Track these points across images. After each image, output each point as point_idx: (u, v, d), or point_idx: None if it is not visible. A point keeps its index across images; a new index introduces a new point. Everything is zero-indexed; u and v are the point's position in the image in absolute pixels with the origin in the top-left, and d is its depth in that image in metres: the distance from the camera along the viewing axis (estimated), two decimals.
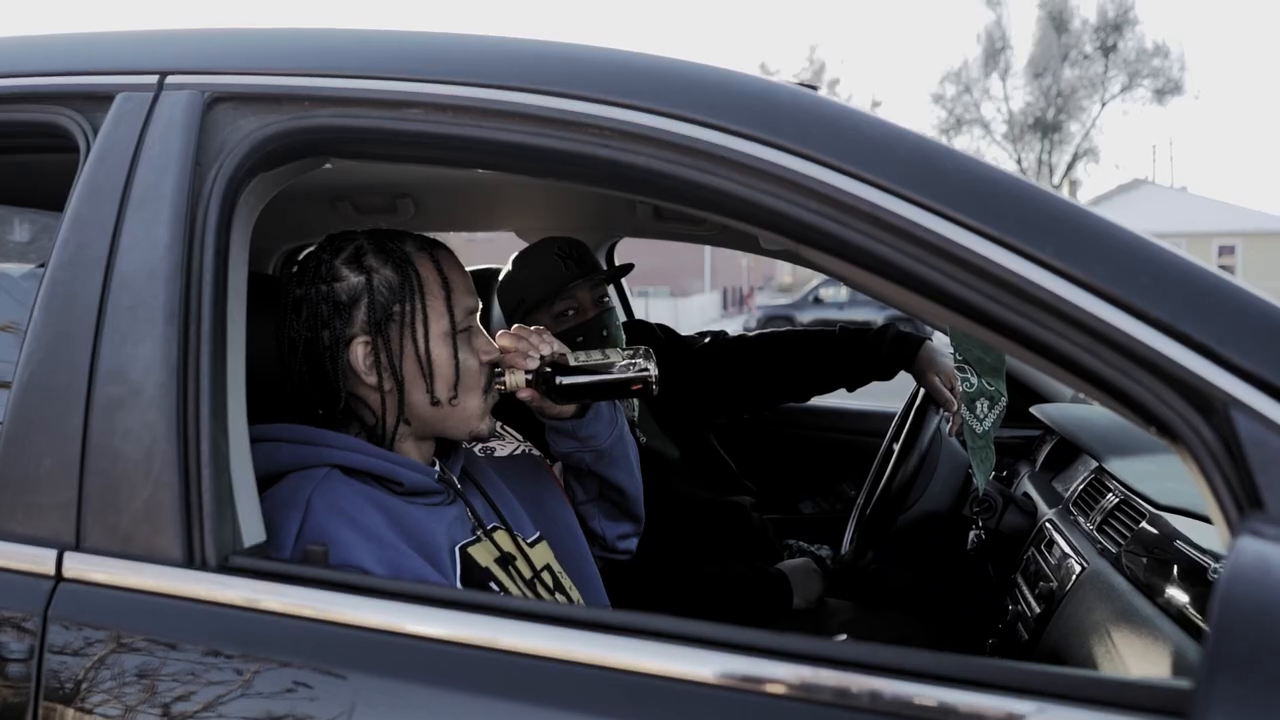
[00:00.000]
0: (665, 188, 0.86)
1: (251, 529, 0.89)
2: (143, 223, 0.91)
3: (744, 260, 33.21)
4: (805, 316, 17.54)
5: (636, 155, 0.85)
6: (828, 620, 1.83)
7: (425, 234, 1.19)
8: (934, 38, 77.00)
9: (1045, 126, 31.55)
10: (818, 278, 21.98)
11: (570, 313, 1.83)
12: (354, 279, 1.11)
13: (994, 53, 31.83)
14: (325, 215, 2.18)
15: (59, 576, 0.85)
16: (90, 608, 0.83)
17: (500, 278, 1.95)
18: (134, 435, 0.84)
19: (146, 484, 0.83)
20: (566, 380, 1.19)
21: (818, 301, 18.42)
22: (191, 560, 0.82)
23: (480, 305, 1.20)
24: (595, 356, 1.21)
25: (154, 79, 0.98)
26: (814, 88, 0.90)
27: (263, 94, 0.95)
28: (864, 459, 2.25)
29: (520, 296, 1.86)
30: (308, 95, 0.93)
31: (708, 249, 29.73)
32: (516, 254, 1.93)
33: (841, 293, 18.18)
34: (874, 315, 16.23)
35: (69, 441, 0.86)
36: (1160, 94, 31.08)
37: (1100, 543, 1.43)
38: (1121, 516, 1.45)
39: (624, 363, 1.19)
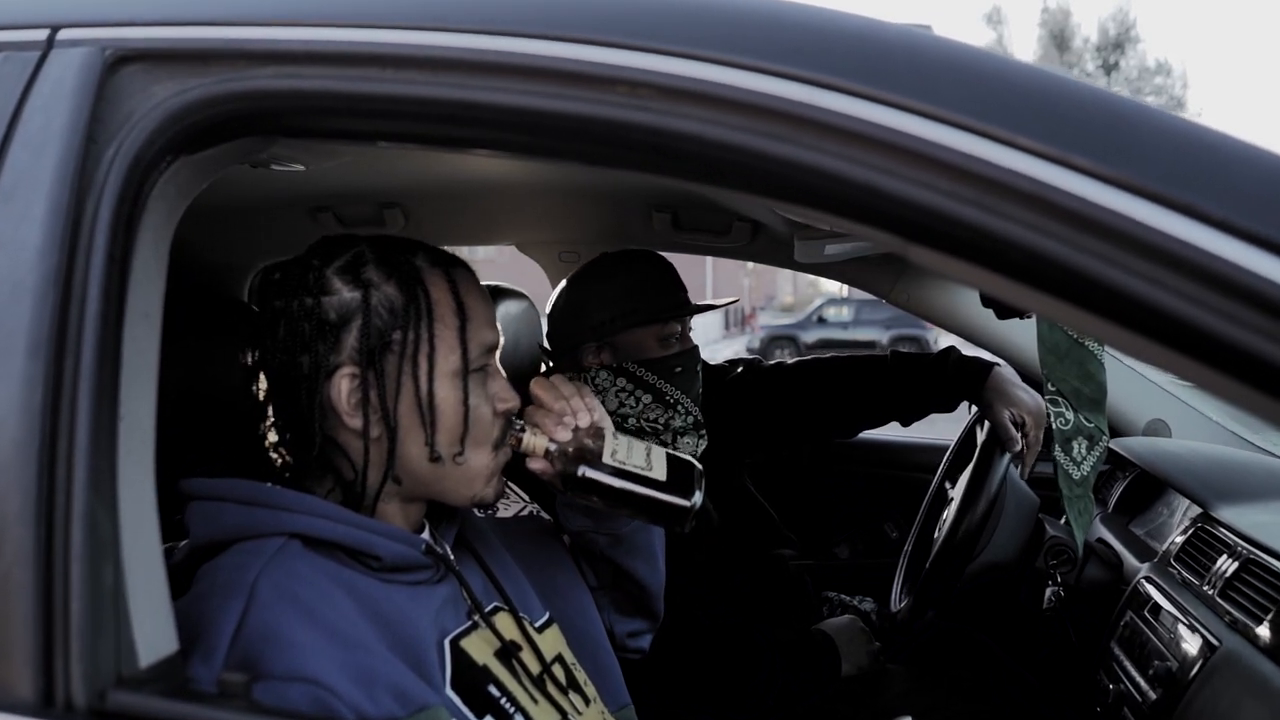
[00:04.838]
0: (725, 164, 0.62)
1: (154, 637, 0.64)
2: (9, 219, 0.67)
3: (745, 280, 33.04)
4: (809, 336, 17.25)
5: (686, 120, 0.61)
6: (884, 689, 1.57)
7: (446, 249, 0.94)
8: None
9: None
10: (820, 297, 21.70)
11: (675, 338, 1.56)
12: (347, 294, 0.87)
13: None
14: (305, 228, 1.95)
15: None
16: None
17: (584, 283, 1.59)
18: None
19: None
20: (590, 474, 0.93)
21: (821, 321, 18.12)
22: (50, 699, 0.57)
23: (501, 342, 0.95)
24: (637, 456, 0.95)
25: (42, 34, 0.75)
26: (926, 27, 0.66)
27: (182, 50, 0.72)
28: (907, 499, 2.00)
29: (631, 305, 1.52)
30: (242, 51, 0.71)
31: (710, 268, 29.61)
32: (603, 258, 1.61)
33: (844, 313, 17.87)
34: (878, 335, 15.94)
35: None
36: None
37: (1229, 613, 1.18)
38: (1252, 580, 1.19)
39: (665, 481, 0.93)
